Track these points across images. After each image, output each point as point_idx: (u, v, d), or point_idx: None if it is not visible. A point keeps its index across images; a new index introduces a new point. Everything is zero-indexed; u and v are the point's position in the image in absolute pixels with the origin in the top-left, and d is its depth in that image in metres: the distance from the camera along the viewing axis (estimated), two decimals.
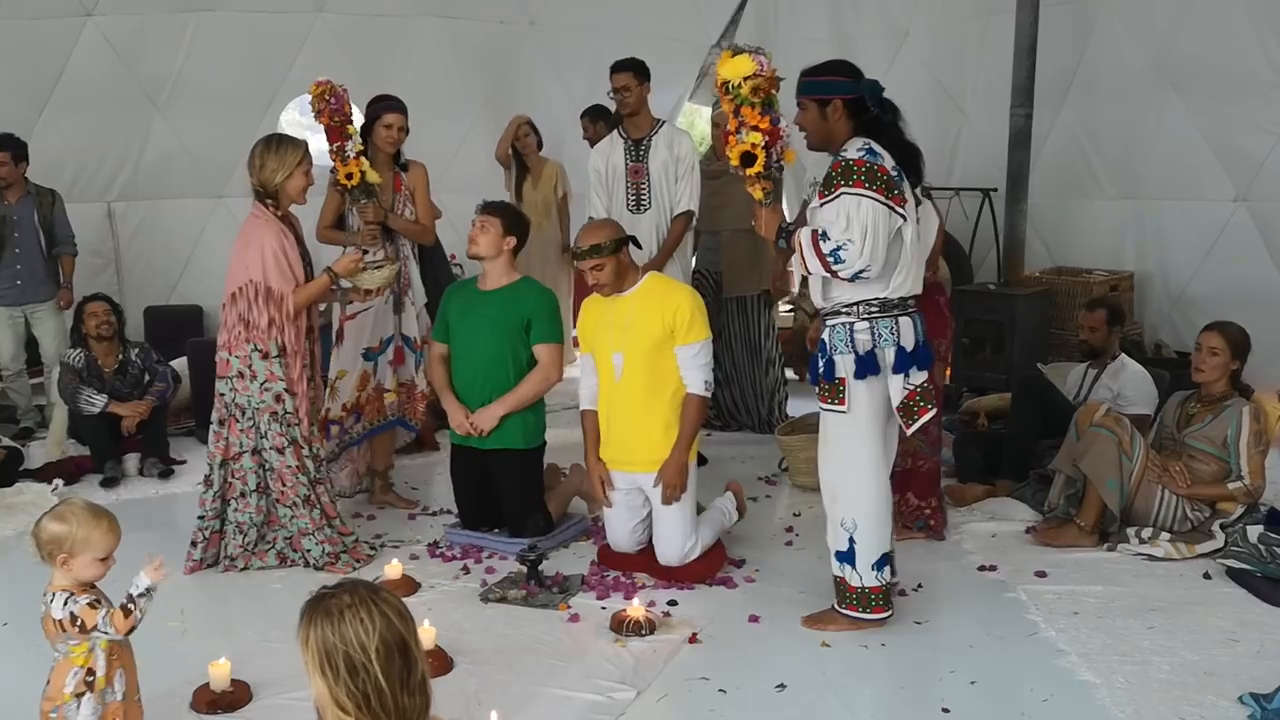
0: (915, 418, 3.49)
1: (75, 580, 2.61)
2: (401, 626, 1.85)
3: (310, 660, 1.83)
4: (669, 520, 4.08)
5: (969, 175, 7.70)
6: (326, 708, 1.82)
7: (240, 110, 7.43)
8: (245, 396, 4.12)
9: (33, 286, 6.11)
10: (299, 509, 4.18)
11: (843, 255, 3.31)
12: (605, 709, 3.13)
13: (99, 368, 5.53)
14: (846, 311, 3.48)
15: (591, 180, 5.46)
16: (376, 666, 1.79)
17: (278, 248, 4.08)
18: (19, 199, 6.04)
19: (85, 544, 2.56)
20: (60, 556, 2.57)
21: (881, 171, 3.33)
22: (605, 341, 4.14)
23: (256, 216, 4.15)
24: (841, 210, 3.32)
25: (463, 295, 4.55)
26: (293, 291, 4.09)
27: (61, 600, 2.59)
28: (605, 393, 4.19)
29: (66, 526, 2.56)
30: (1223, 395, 4.38)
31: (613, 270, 4.07)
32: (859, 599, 3.57)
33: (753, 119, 3.51)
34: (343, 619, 1.82)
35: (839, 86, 3.47)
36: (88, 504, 2.67)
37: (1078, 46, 7.15)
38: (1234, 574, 4.01)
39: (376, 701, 1.79)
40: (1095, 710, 3.11)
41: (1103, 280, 6.84)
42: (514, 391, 4.38)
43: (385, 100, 4.92)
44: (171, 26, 7.27)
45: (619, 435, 4.14)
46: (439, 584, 4.08)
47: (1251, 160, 6.39)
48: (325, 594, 1.89)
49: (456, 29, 8.13)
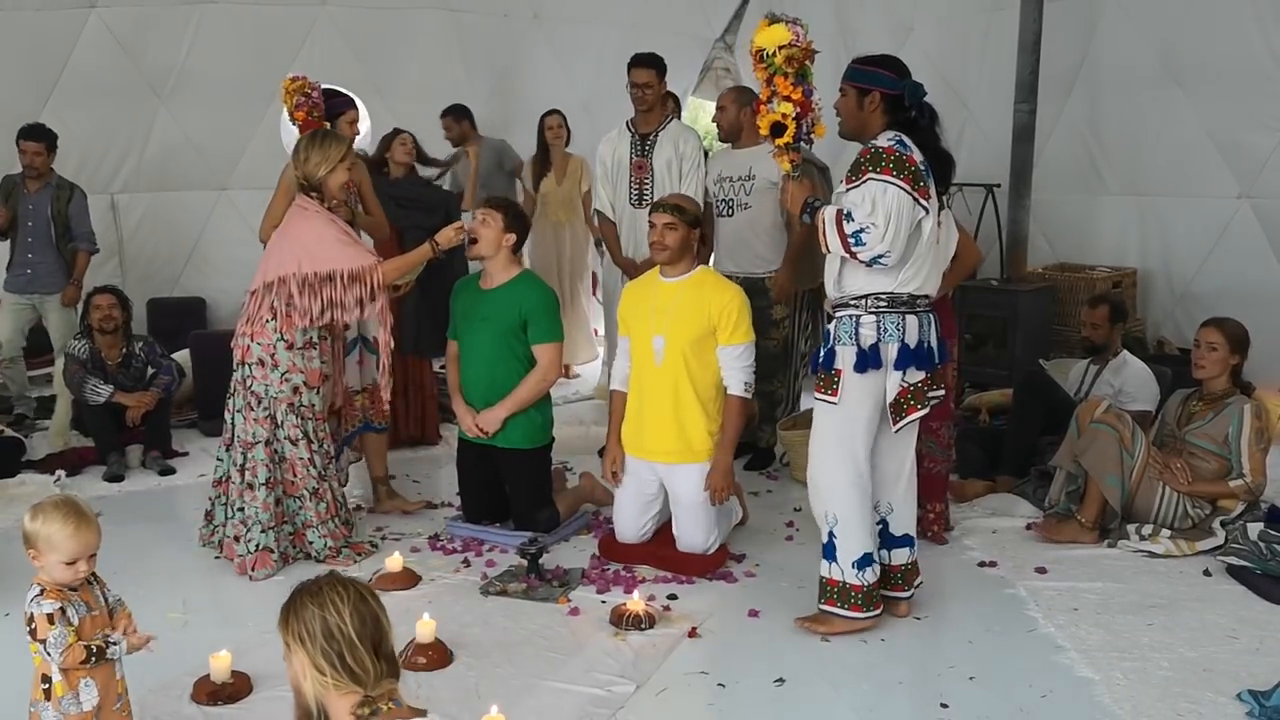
0: (903, 415, 3.48)
1: (50, 579, 2.53)
2: (375, 606, 2.10)
3: (291, 637, 2.05)
4: (694, 516, 4.10)
5: (972, 170, 7.64)
6: (306, 677, 2.05)
7: (244, 102, 7.43)
8: (263, 385, 4.11)
9: (43, 277, 6.12)
10: (307, 500, 4.18)
11: (864, 238, 3.31)
12: (604, 702, 3.14)
13: (102, 360, 5.54)
14: (855, 304, 3.47)
15: (597, 172, 5.46)
16: (350, 628, 2.02)
17: (338, 232, 4.11)
18: (38, 190, 6.06)
19: (49, 545, 2.48)
20: (30, 552, 2.53)
21: (910, 162, 3.33)
22: (645, 325, 4.15)
23: (304, 208, 4.17)
24: (867, 195, 3.32)
25: (467, 293, 4.54)
26: (378, 263, 4.11)
27: (32, 594, 2.54)
28: (639, 376, 4.19)
29: (35, 524, 2.50)
30: (1224, 393, 4.38)
31: (680, 239, 4.09)
32: (839, 594, 3.53)
33: (785, 89, 3.49)
34: (321, 593, 2.06)
35: (882, 79, 3.46)
36: (69, 504, 2.56)
37: (1082, 42, 7.13)
38: (1234, 571, 4.01)
39: (351, 658, 2.01)
40: (1094, 706, 3.12)
41: (1106, 276, 6.83)
42: (514, 394, 4.38)
43: (341, 96, 4.90)
44: (175, 18, 7.26)
45: (649, 421, 4.14)
46: (439, 577, 4.09)
47: (1256, 157, 6.38)
48: (306, 582, 2.13)
49: (461, 22, 8.13)
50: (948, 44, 7.97)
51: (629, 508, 4.25)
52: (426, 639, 3.35)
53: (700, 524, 4.11)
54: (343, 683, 2.01)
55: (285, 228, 4.21)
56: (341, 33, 7.69)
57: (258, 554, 4.08)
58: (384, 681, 2.05)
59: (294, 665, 2.07)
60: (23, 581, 4.11)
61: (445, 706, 3.09)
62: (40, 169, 6.02)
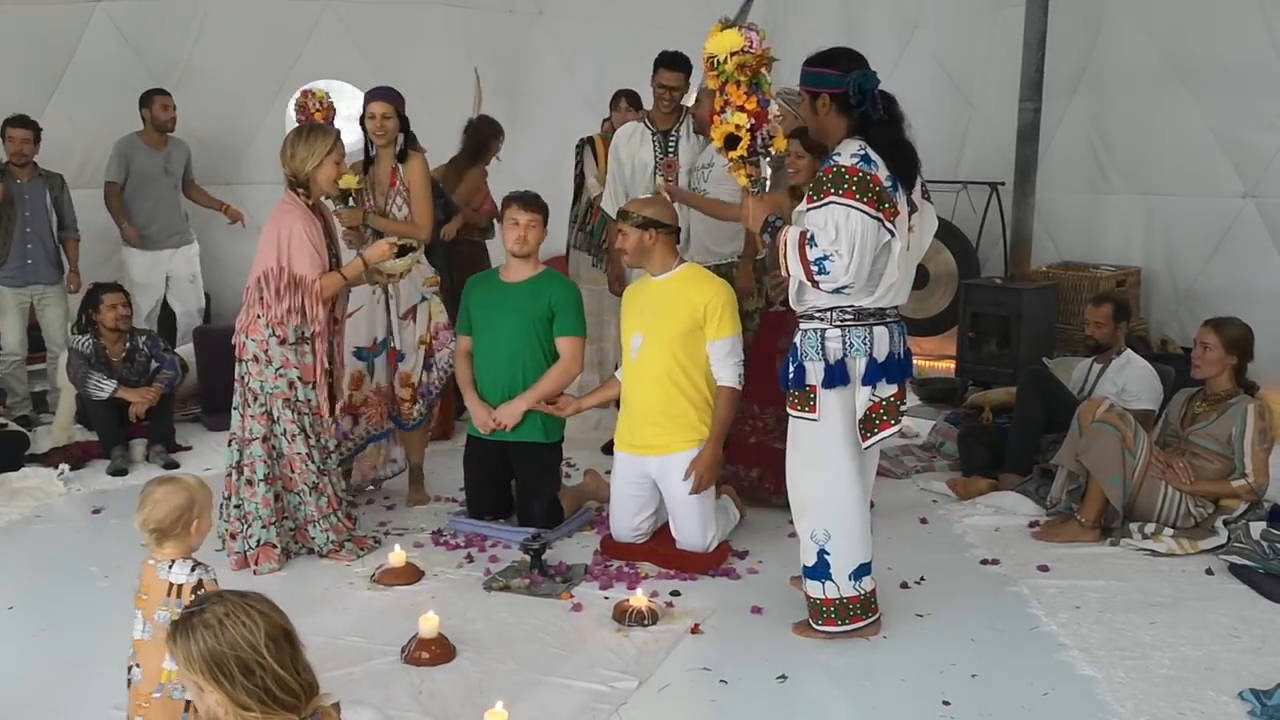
0: (874, 431, 3.38)
1: (189, 548, 2.68)
2: (278, 617, 1.95)
3: (198, 675, 1.88)
4: (688, 511, 4.10)
5: (977, 168, 7.68)
6: (227, 713, 1.89)
7: (249, 97, 7.43)
8: (259, 381, 4.12)
9: (42, 268, 6.09)
10: (306, 495, 4.18)
11: (828, 267, 3.15)
12: (607, 698, 3.14)
13: (106, 355, 5.54)
14: (820, 317, 3.36)
15: (610, 165, 5.37)
16: (270, 659, 1.87)
17: (304, 234, 4.09)
18: (31, 179, 6.05)
19: (205, 506, 2.69)
20: (194, 523, 2.66)
21: (875, 182, 3.16)
22: (630, 323, 4.19)
23: (285, 204, 4.17)
24: (830, 219, 3.15)
25: (486, 287, 4.54)
26: (321, 276, 4.10)
27: (188, 566, 2.64)
28: (624, 373, 4.24)
29: (188, 492, 2.65)
30: (1228, 393, 4.38)
31: (635, 243, 4.09)
32: (836, 611, 3.45)
33: (738, 99, 3.36)
34: (224, 626, 1.88)
35: (827, 80, 3.27)
36: (176, 476, 2.79)
37: (1088, 40, 7.13)
38: (1236, 570, 4.01)
39: (280, 690, 1.88)
40: (1096, 704, 3.12)
41: (1110, 275, 6.83)
42: (536, 386, 4.39)
43: (372, 90, 4.85)
44: (180, 12, 7.26)
45: (636, 417, 4.16)
46: (443, 572, 4.10)
47: (1260, 156, 6.38)
48: (192, 612, 1.95)
49: (465, 17, 8.12)
50: (953, 42, 7.96)
51: (623, 510, 4.26)
52: (430, 634, 3.36)
53: (695, 520, 4.11)
54: (275, 714, 1.89)
55: (267, 224, 4.21)
56: (346, 27, 7.69)
57: (260, 549, 4.09)
58: (314, 700, 1.94)
59: (205, 699, 1.92)
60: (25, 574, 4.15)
61: (448, 702, 3.10)
62: (29, 157, 6.01)
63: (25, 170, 6.02)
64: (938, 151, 7.11)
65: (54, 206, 6.09)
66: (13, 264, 6.02)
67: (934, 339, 7.59)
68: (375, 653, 3.40)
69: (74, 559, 4.24)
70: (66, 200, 6.19)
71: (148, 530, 2.64)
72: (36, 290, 6.10)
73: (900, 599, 3.81)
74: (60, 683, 3.26)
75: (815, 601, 3.49)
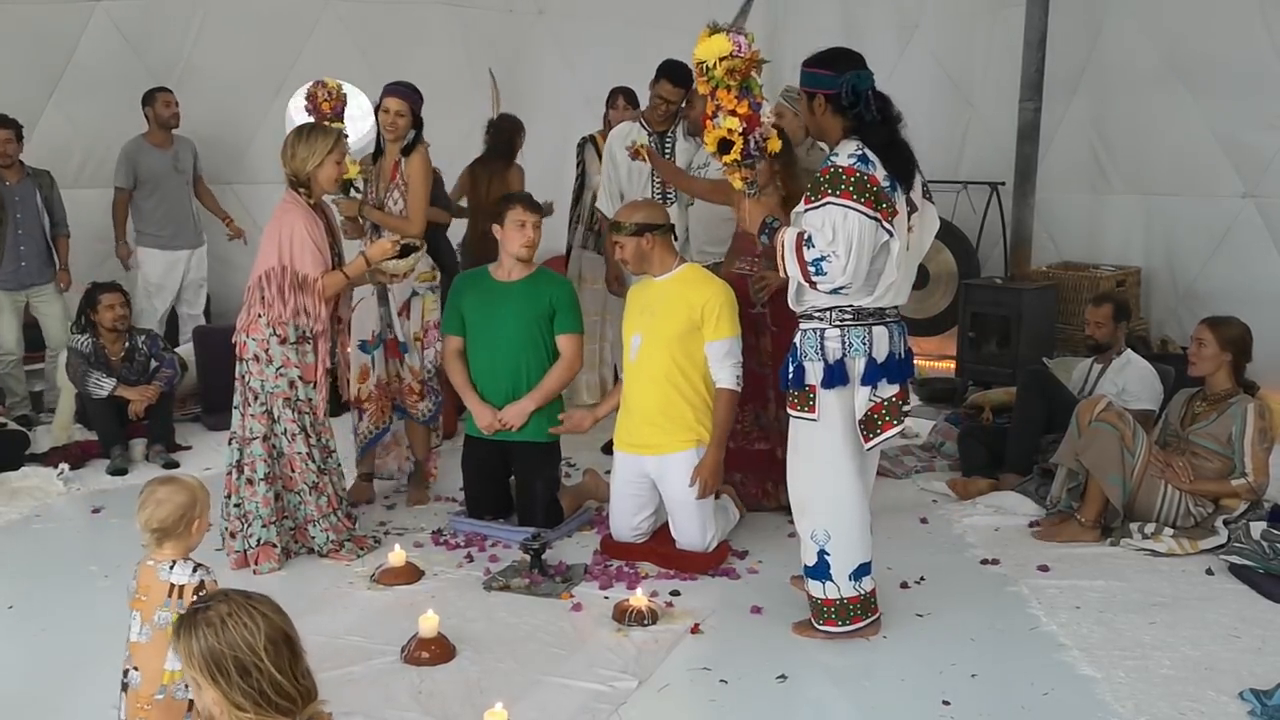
0: (877, 432, 3.37)
1: (188, 548, 2.68)
2: (280, 620, 1.95)
3: (197, 672, 1.90)
4: (688, 511, 4.10)
5: (977, 168, 7.68)
6: (222, 712, 1.90)
7: (249, 97, 7.42)
8: (260, 380, 4.12)
9: (36, 268, 6.07)
10: (306, 495, 4.18)
11: (825, 268, 3.15)
12: (607, 698, 3.14)
13: (105, 355, 5.54)
14: (819, 317, 3.36)
15: (604, 164, 5.39)
16: (268, 662, 1.88)
17: (306, 233, 4.09)
18: (20, 180, 6.03)
19: (205, 506, 2.69)
20: (195, 523, 2.65)
21: (873, 182, 3.16)
22: (631, 323, 4.20)
23: (287, 203, 4.17)
24: (828, 220, 3.15)
25: (479, 287, 4.51)
26: (323, 275, 4.10)
27: (189, 567, 2.63)
28: (625, 373, 4.25)
29: (190, 492, 2.66)
30: (1228, 393, 4.38)
31: (633, 250, 4.10)
32: (836, 612, 3.46)
33: (729, 103, 3.36)
34: (225, 626, 1.90)
35: (821, 80, 3.28)
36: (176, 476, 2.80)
37: (1088, 41, 7.13)
38: (1236, 570, 4.01)
39: (275, 694, 1.88)
40: (1096, 704, 3.12)
41: (1110, 275, 6.83)
42: (541, 385, 4.40)
43: (391, 84, 4.81)
44: (180, 12, 7.25)
45: (635, 416, 4.16)
46: (442, 572, 4.10)
47: (1261, 156, 6.38)
48: (198, 608, 1.97)
49: (465, 17, 8.12)
50: (953, 42, 7.97)
51: (622, 510, 4.26)
52: (429, 634, 3.36)
53: (694, 520, 4.11)
54: (269, 717, 1.89)
55: (269, 224, 4.22)
56: (346, 27, 7.69)
57: (260, 548, 4.09)
58: (310, 706, 1.94)
59: (203, 696, 1.94)
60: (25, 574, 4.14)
61: (448, 702, 3.10)
62: (14, 157, 6.00)
63: (13, 171, 5.99)
64: (938, 151, 7.12)
65: (44, 205, 6.08)
66: (7, 267, 5.99)
67: (934, 339, 7.59)
68: (375, 652, 3.40)
69: (74, 559, 4.25)
70: (56, 198, 6.17)
71: (149, 530, 2.63)
72: (32, 291, 6.10)
73: (900, 599, 3.81)
74: (60, 683, 3.26)
75: (817, 601, 3.49)
